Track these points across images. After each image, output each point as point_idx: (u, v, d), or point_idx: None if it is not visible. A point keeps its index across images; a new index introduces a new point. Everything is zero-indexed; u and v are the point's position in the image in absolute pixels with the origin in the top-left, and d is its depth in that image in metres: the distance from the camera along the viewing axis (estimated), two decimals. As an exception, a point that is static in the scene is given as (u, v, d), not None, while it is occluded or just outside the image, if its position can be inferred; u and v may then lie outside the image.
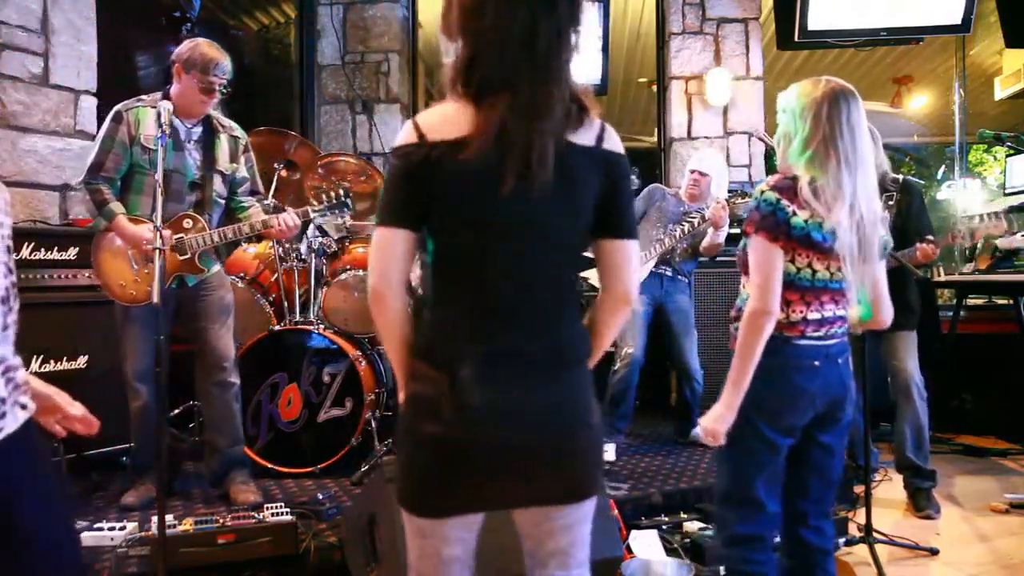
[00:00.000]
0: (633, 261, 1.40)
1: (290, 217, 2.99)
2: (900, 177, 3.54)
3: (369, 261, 1.35)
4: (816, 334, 1.90)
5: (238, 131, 3.14)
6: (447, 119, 1.29)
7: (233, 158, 3.09)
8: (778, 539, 2.06)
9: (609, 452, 3.70)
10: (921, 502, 3.47)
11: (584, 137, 1.32)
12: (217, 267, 3.08)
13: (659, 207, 4.06)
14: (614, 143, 1.36)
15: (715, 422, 1.88)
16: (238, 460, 3.07)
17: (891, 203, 3.44)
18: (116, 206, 2.85)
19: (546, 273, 1.34)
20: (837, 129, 1.84)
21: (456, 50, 1.30)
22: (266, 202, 3.44)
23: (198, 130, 3.00)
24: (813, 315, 1.89)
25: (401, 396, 1.38)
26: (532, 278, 1.33)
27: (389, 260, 1.32)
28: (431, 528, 1.36)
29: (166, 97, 2.93)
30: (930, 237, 3.33)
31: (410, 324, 1.36)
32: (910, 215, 3.44)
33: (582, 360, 1.37)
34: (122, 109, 2.90)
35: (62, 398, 1.39)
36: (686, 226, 3.88)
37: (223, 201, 3.08)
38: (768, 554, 1.97)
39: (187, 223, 2.93)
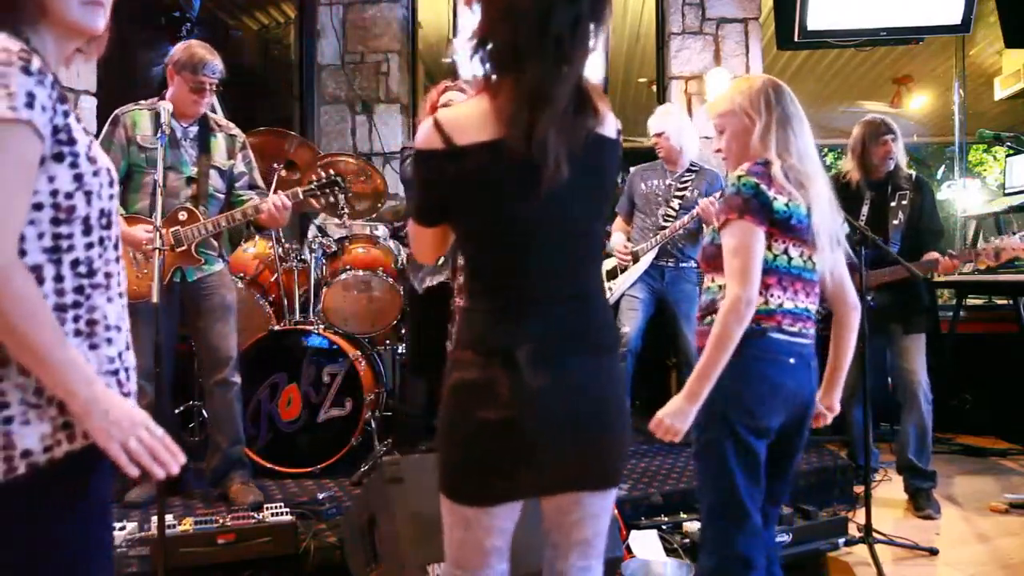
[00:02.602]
0: None
1: (279, 198, 2.96)
2: (912, 174, 3.52)
3: (410, 238, 1.47)
4: (792, 329, 1.85)
5: (235, 130, 3.21)
6: (471, 118, 1.29)
7: (230, 155, 3.14)
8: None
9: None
10: (921, 502, 3.47)
11: (608, 129, 1.37)
12: (220, 266, 3.11)
13: (643, 194, 3.95)
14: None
15: (675, 417, 1.77)
16: (238, 460, 3.08)
17: (904, 202, 3.42)
18: None
19: (581, 260, 1.38)
20: (789, 111, 1.87)
21: (475, 25, 1.31)
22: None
23: (194, 129, 3.08)
24: (789, 304, 1.85)
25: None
26: (568, 265, 1.36)
27: (425, 244, 1.46)
28: (475, 517, 1.36)
29: (162, 100, 2.98)
30: (952, 252, 3.29)
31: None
32: (923, 213, 3.44)
33: (613, 347, 1.42)
34: (119, 113, 3.01)
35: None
36: (677, 223, 3.78)
37: (222, 196, 3.12)
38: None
39: (182, 215, 2.96)
